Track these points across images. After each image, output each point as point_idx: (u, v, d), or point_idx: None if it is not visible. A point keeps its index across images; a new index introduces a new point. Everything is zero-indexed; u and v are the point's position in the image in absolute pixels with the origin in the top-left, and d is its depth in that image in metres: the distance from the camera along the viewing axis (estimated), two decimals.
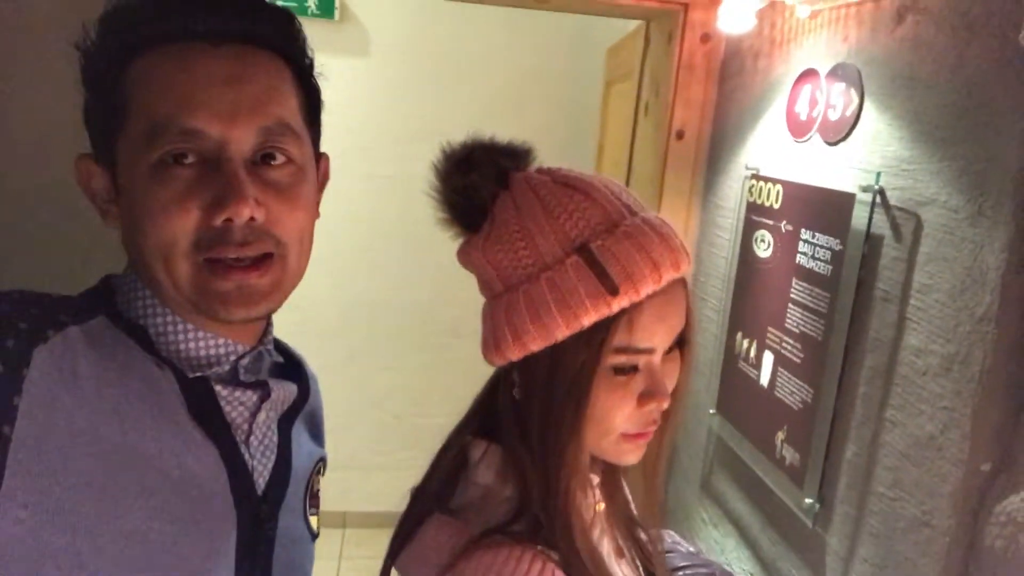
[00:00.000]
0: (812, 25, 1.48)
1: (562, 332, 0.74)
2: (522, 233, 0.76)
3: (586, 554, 0.78)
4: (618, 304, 0.73)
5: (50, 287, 0.72)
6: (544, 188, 0.77)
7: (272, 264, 0.75)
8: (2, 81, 0.94)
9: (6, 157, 0.97)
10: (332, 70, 3.27)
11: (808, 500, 1.36)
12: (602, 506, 0.89)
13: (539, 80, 3.23)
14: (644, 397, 0.78)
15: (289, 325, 3.82)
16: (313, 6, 3.03)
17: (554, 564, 0.75)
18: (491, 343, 0.80)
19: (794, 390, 1.43)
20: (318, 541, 0.95)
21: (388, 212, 3.19)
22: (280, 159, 0.76)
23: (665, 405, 0.79)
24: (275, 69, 0.77)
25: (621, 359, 0.76)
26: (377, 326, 3.36)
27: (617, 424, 0.79)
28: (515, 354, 0.78)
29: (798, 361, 1.42)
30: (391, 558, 0.85)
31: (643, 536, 0.96)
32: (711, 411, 1.79)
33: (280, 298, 0.78)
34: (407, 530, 0.84)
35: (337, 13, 3.05)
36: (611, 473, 0.93)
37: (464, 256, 0.83)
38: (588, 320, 0.73)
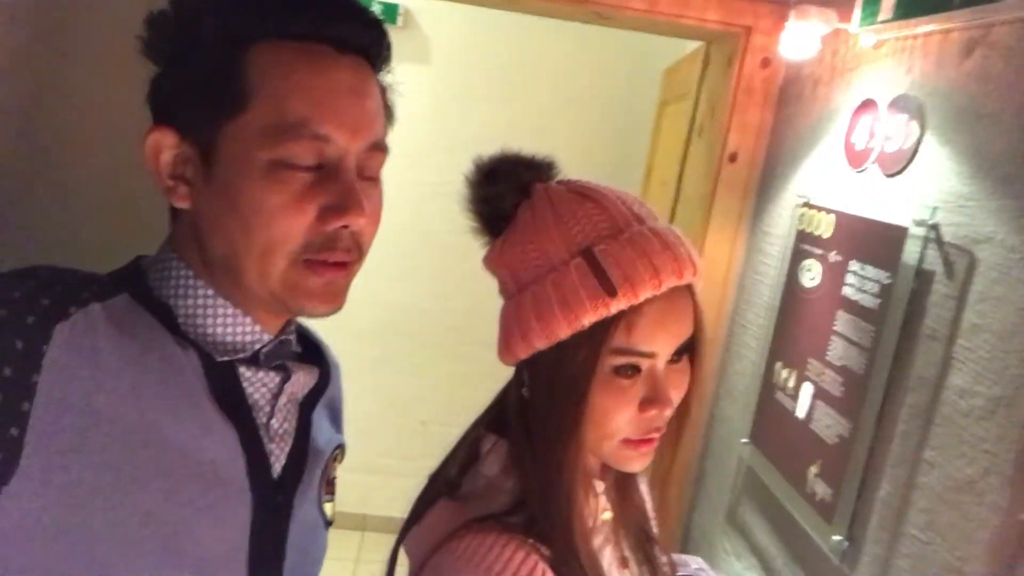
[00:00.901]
0: (875, 55, 1.46)
1: (564, 331, 0.77)
2: (533, 237, 0.81)
3: (584, 556, 0.79)
4: (616, 305, 0.75)
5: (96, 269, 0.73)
6: (559, 197, 0.82)
7: (348, 267, 0.77)
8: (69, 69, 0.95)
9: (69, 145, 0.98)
10: (392, 76, 3.30)
11: (836, 537, 1.32)
12: (608, 514, 0.89)
13: (594, 97, 3.23)
14: (645, 403, 0.79)
15: (324, 324, 3.83)
16: (377, 12, 3.07)
17: (539, 557, 0.77)
18: (502, 341, 0.84)
19: (831, 423, 1.39)
20: (337, 542, 0.95)
21: (431, 220, 3.20)
22: (372, 173, 0.78)
23: (667, 412, 0.81)
24: (377, 85, 0.79)
25: (620, 360, 0.78)
26: (410, 332, 3.37)
27: (617, 427, 0.80)
28: (522, 351, 0.81)
29: (837, 394, 1.39)
30: (400, 537, 0.88)
31: (659, 555, 0.96)
32: (743, 440, 1.75)
33: (345, 299, 0.79)
34: (418, 512, 0.87)
35: (400, 20, 3.09)
36: (624, 482, 0.93)
37: (487, 261, 0.87)
38: (588, 320, 0.76)
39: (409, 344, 3.38)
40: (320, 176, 0.72)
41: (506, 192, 0.84)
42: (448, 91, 3.16)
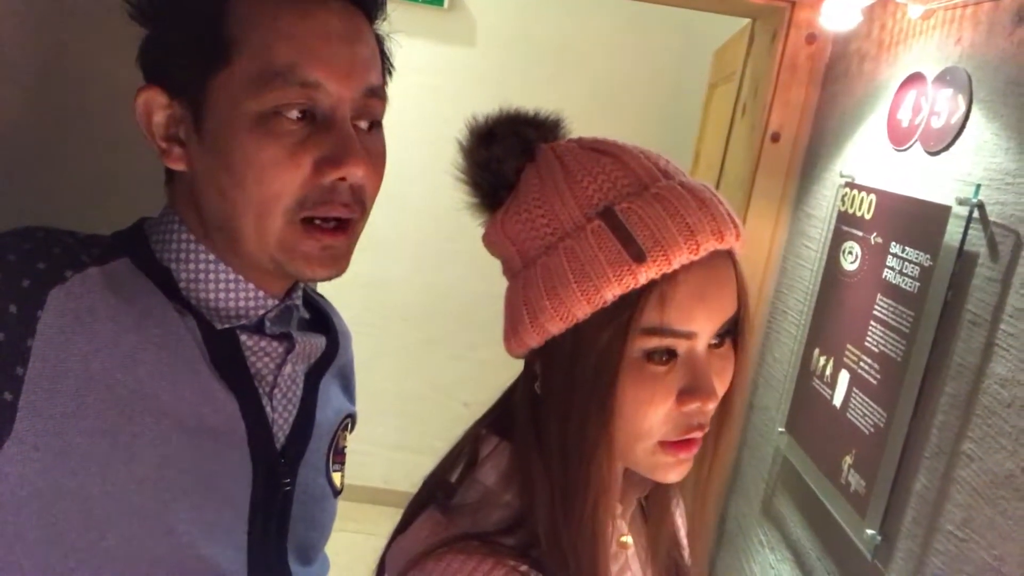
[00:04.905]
0: (923, 26, 1.38)
1: (582, 309, 0.64)
2: (541, 200, 0.67)
3: None
4: (645, 274, 0.62)
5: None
6: (569, 154, 0.69)
7: (349, 228, 0.74)
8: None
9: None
10: (437, 58, 3.30)
11: (869, 531, 1.27)
12: (628, 539, 0.77)
13: (643, 80, 3.16)
14: (685, 394, 0.65)
15: (373, 306, 3.84)
16: None
17: None
18: (508, 327, 0.71)
19: (867, 412, 1.33)
20: (383, 518, 0.92)
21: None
22: (371, 123, 0.75)
23: (711, 406, 0.67)
24: (371, 31, 0.76)
25: (653, 342, 0.64)
26: (455, 315, 3.36)
27: (652, 426, 0.66)
28: (533, 338, 0.67)
29: (874, 382, 1.33)
30: (388, 545, 0.77)
31: None
32: (780, 430, 1.70)
33: (350, 260, 0.76)
34: (405, 521, 0.76)
35: (446, 2, 3.08)
36: (653, 501, 0.81)
37: (487, 239, 0.75)
38: (611, 293, 0.62)
39: (452, 327, 3.38)
40: (314, 127, 0.69)
41: (507, 155, 0.71)
42: (494, 73, 3.13)
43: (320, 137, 0.69)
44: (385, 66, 0.80)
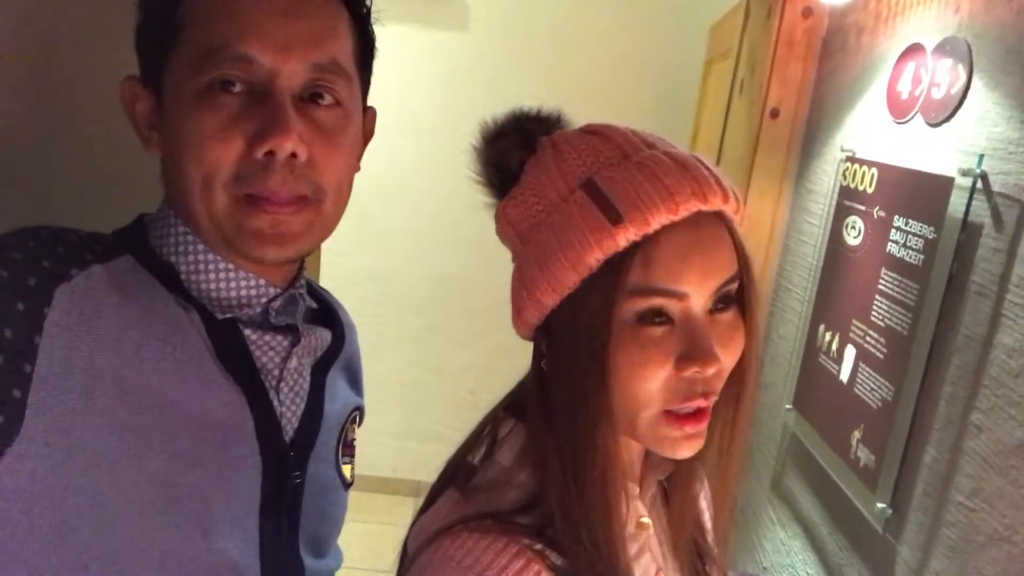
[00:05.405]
0: None
1: (570, 277, 0.66)
2: (533, 182, 0.71)
3: (615, 570, 0.67)
4: (624, 236, 0.63)
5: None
6: (561, 138, 0.72)
7: (307, 206, 0.73)
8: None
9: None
10: (431, 45, 3.29)
11: (880, 505, 1.27)
12: (647, 521, 0.77)
13: (638, 60, 3.14)
14: (683, 359, 0.65)
15: (374, 296, 3.84)
16: None
17: (543, 567, 0.66)
18: (513, 308, 0.73)
19: (874, 387, 1.33)
20: (391, 507, 0.92)
21: (476, 189, 3.18)
22: (328, 100, 0.74)
23: (711, 371, 0.66)
24: (333, 8, 0.76)
25: (641, 303, 0.65)
26: (458, 302, 3.36)
27: (651, 391, 0.66)
28: (533, 314, 0.70)
29: (881, 356, 1.33)
30: (412, 525, 0.79)
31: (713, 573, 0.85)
32: (787, 407, 1.70)
33: (311, 243, 0.76)
34: (428, 501, 0.78)
35: None
36: (677, 480, 0.81)
37: (496, 230, 0.77)
38: (593, 258, 0.64)
39: (456, 314, 3.38)
40: (250, 102, 0.70)
41: (510, 148, 0.74)
42: (489, 59, 3.12)
43: (254, 111, 0.69)
44: (366, 46, 0.80)
